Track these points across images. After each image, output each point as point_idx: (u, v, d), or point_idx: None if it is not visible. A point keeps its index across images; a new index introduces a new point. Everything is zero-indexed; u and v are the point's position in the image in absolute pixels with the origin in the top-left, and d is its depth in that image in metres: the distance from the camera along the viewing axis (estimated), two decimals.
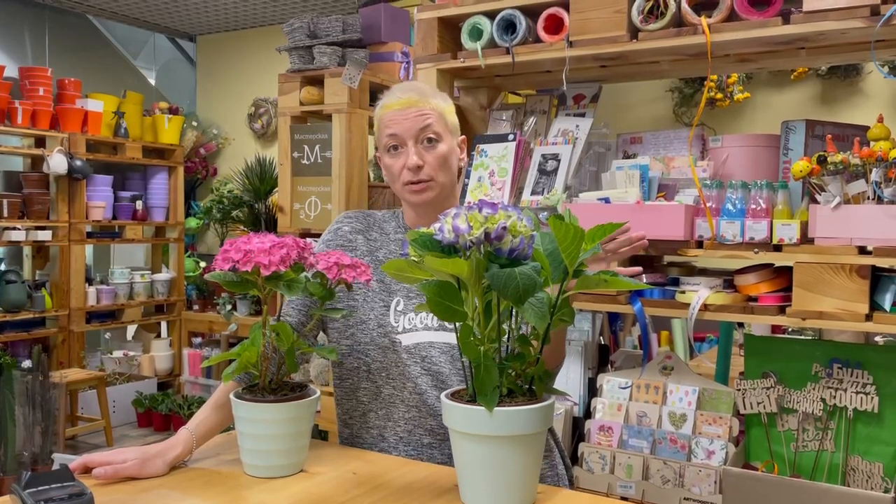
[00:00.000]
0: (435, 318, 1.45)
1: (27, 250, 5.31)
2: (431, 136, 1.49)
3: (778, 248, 1.86)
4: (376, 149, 1.60)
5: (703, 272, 2.13)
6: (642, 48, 2.00)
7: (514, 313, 1.15)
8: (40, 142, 4.96)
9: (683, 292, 1.99)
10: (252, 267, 1.21)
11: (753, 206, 1.89)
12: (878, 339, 2.55)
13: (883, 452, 1.80)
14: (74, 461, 1.29)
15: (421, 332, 1.49)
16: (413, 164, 1.47)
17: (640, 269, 1.69)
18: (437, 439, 1.47)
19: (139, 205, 5.62)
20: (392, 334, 1.49)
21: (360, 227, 1.59)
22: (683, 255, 1.98)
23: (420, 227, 1.48)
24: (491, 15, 2.20)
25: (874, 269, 1.77)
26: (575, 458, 2.08)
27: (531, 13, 2.15)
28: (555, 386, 1.26)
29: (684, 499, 1.92)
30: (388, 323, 1.50)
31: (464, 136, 1.59)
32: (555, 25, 2.12)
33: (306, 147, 3.48)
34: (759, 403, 1.93)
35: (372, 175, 3.92)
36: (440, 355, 1.47)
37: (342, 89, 3.35)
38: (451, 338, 1.44)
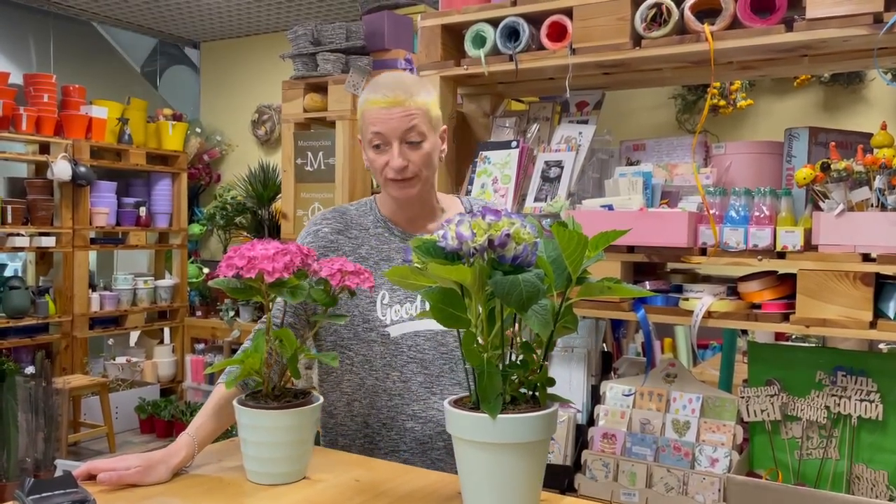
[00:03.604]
0: (418, 306, 1.53)
1: (31, 256, 5.32)
2: (416, 137, 1.50)
3: (781, 255, 1.86)
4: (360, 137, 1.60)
5: (707, 279, 2.13)
6: (645, 55, 2.00)
7: (517, 320, 1.15)
8: (44, 148, 4.98)
9: (687, 299, 1.98)
10: (256, 274, 1.21)
11: (757, 214, 1.89)
12: (882, 346, 2.54)
13: (887, 460, 1.80)
14: (78, 468, 1.29)
15: (407, 322, 1.55)
16: (398, 166, 1.49)
17: None
18: (418, 423, 1.54)
19: (143, 211, 5.63)
20: (380, 328, 1.54)
21: (339, 227, 1.61)
22: (687, 262, 1.98)
23: (399, 218, 1.60)
24: (494, 22, 2.20)
25: (878, 276, 1.77)
26: (578, 466, 2.07)
27: (534, 21, 2.16)
28: (558, 393, 1.26)
29: None
30: (376, 317, 1.54)
31: (445, 127, 1.60)
32: (558, 33, 2.12)
33: (309, 154, 3.49)
34: (762, 411, 1.92)
35: (374, 181, 3.91)
36: (425, 342, 1.54)
37: (345, 96, 3.36)
38: (434, 324, 1.44)
